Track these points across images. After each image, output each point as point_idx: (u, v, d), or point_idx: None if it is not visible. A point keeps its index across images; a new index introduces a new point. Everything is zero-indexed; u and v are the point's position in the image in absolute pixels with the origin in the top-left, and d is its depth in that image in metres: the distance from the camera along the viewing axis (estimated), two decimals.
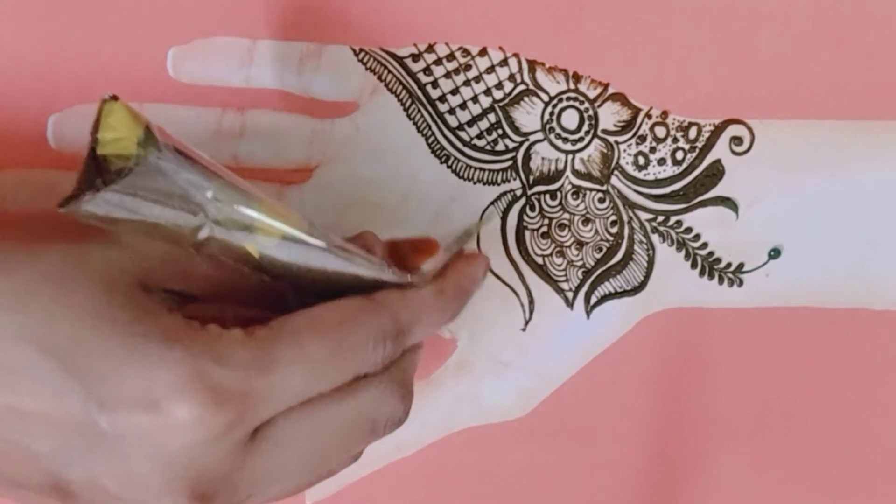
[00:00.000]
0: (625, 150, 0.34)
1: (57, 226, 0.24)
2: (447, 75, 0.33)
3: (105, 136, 0.22)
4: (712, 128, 0.33)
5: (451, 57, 0.33)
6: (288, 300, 0.26)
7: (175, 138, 0.23)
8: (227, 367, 0.23)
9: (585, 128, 0.33)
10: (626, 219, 0.34)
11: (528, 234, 0.34)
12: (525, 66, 0.33)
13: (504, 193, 0.34)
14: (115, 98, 0.23)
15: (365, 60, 0.33)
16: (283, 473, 0.25)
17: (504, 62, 0.33)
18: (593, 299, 0.34)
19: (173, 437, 0.23)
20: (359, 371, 0.26)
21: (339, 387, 0.25)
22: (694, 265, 0.34)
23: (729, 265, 0.34)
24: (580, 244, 0.34)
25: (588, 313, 0.35)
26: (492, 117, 0.33)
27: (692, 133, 0.33)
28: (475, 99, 0.33)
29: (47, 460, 0.23)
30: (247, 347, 0.24)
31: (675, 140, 0.33)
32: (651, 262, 0.34)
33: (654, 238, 0.34)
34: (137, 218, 0.23)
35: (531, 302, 0.34)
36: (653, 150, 0.34)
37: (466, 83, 0.33)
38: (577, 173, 0.34)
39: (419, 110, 0.33)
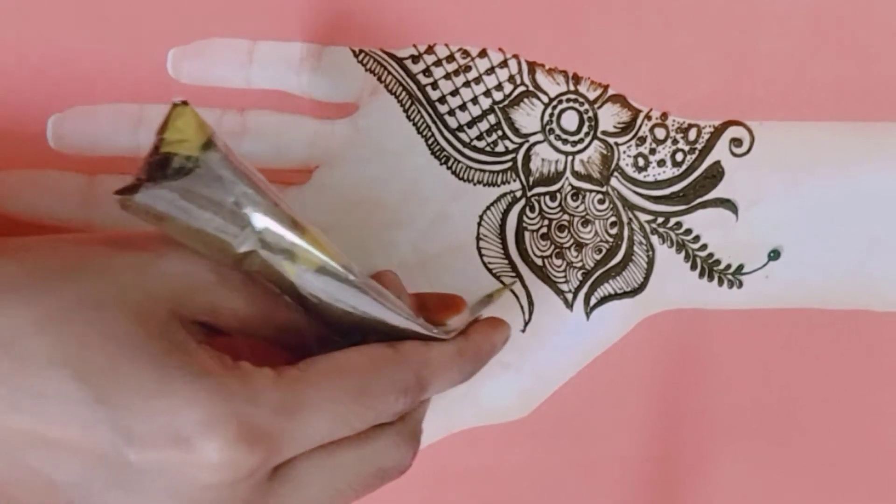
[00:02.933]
0: (624, 152, 0.34)
1: (84, 250, 0.24)
2: (447, 76, 0.33)
3: (171, 136, 0.23)
4: (712, 129, 0.33)
5: (450, 58, 0.33)
6: (312, 340, 0.27)
7: (235, 153, 0.24)
8: (258, 408, 0.23)
9: (585, 129, 0.33)
10: (625, 220, 0.34)
11: (527, 235, 0.34)
12: (525, 67, 0.33)
13: (504, 195, 0.34)
14: (185, 103, 0.23)
15: (365, 62, 0.33)
16: None
17: (504, 63, 0.33)
18: (593, 301, 0.34)
19: (199, 475, 0.22)
20: (378, 420, 0.26)
21: (357, 434, 0.26)
22: (693, 266, 0.34)
23: (728, 267, 0.34)
24: (580, 245, 0.34)
25: (588, 315, 0.35)
26: (492, 119, 0.33)
27: (692, 134, 0.33)
28: (475, 100, 0.33)
29: (67, 491, 0.23)
30: (278, 388, 0.24)
31: (675, 141, 0.33)
32: (651, 264, 0.34)
33: (654, 239, 0.34)
34: (186, 220, 0.23)
35: (531, 303, 0.34)
36: (652, 151, 0.34)
37: (466, 84, 0.33)
38: (576, 175, 0.34)
39: (419, 111, 0.33)
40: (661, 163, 0.34)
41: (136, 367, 0.22)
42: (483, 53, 0.33)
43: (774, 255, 0.34)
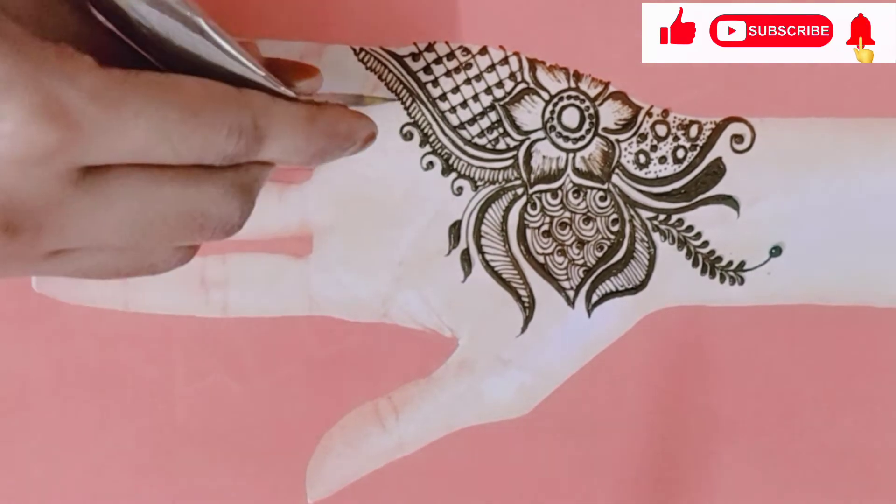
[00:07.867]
0: (626, 149, 0.34)
1: None
2: (447, 74, 0.33)
3: None
4: (713, 126, 0.33)
5: (451, 56, 0.33)
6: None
7: None
8: (70, 85, 0.21)
9: (586, 126, 0.33)
10: (627, 217, 0.34)
11: (529, 232, 0.34)
12: (525, 64, 0.33)
13: (505, 192, 0.34)
14: None
15: (365, 60, 0.33)
16: (97, 234, 0.23)
17: (504, 60, 0.33)
18: (594, 298, 0.34)
19: None
20: (203, 154, 0.23)
21: (179, 168, 0.24)
22: (695, 263, 0.34)
23: (730, 263, 0.34)
24: (581, 243, 0.34)
25: (589, 312, 0.35)
26: (492, 116, 0.33)
27: (693, 131, 0.33)
28: (476, 97, 0.33)
29: None
30: (98, 76, 0.21)
31: (676, 138, 0.33)
32: (652, 261, 0.34)
33: (656, 236, 0.34)
34: None
35: (532, 300, 0.34)
36: (654, 148, 0.34)
37: (467, 82, 0.33)
38: (578, 172, 0.34)
39: (420, 109, 0.33)
40: (663, 160, 0.34)
41: None
42: (483, 51, 0.33)
43: (776, 251, 0.34)
